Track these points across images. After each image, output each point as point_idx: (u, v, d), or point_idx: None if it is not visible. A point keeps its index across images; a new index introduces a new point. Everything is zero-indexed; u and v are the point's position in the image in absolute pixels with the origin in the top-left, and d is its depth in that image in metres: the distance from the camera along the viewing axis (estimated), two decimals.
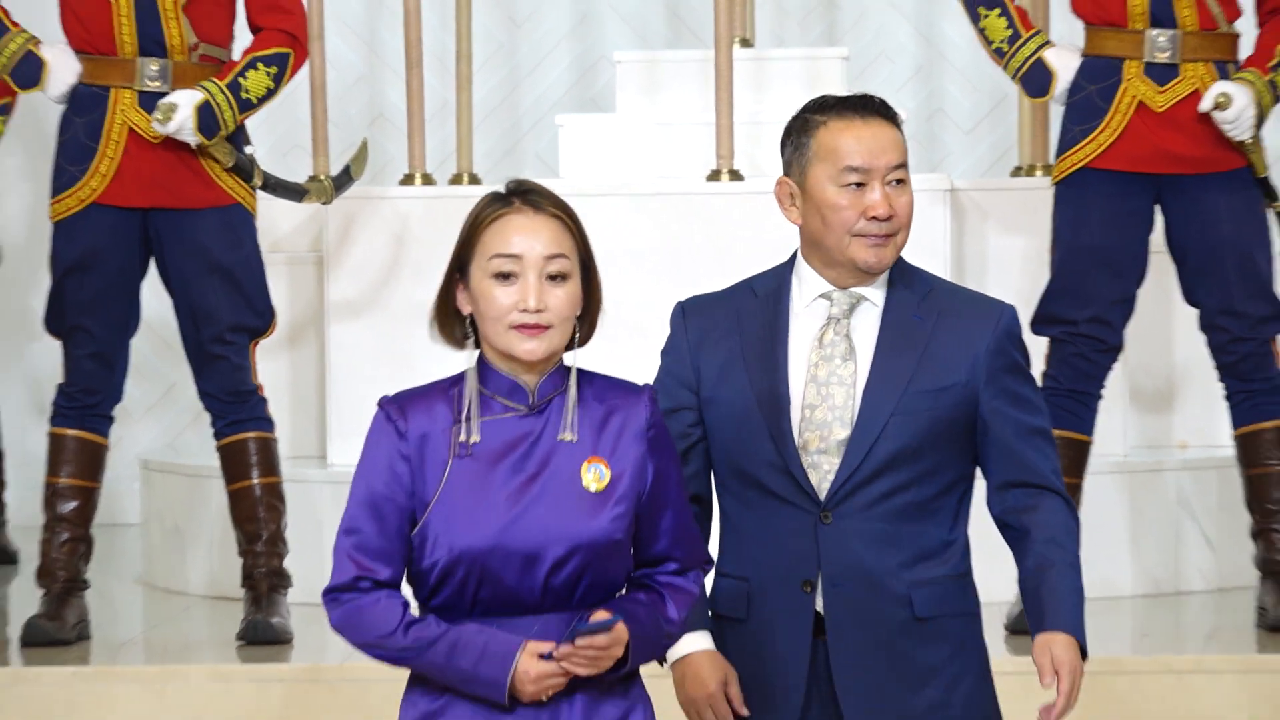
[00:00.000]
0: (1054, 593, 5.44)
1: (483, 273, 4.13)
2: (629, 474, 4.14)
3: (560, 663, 3.98)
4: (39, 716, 8.14)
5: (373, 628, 4.10)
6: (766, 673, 5.38)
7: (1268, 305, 8.45)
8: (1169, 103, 8.38)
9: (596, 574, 4.08)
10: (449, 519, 4.06)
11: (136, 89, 8.39)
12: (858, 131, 5.44)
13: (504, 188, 4.13)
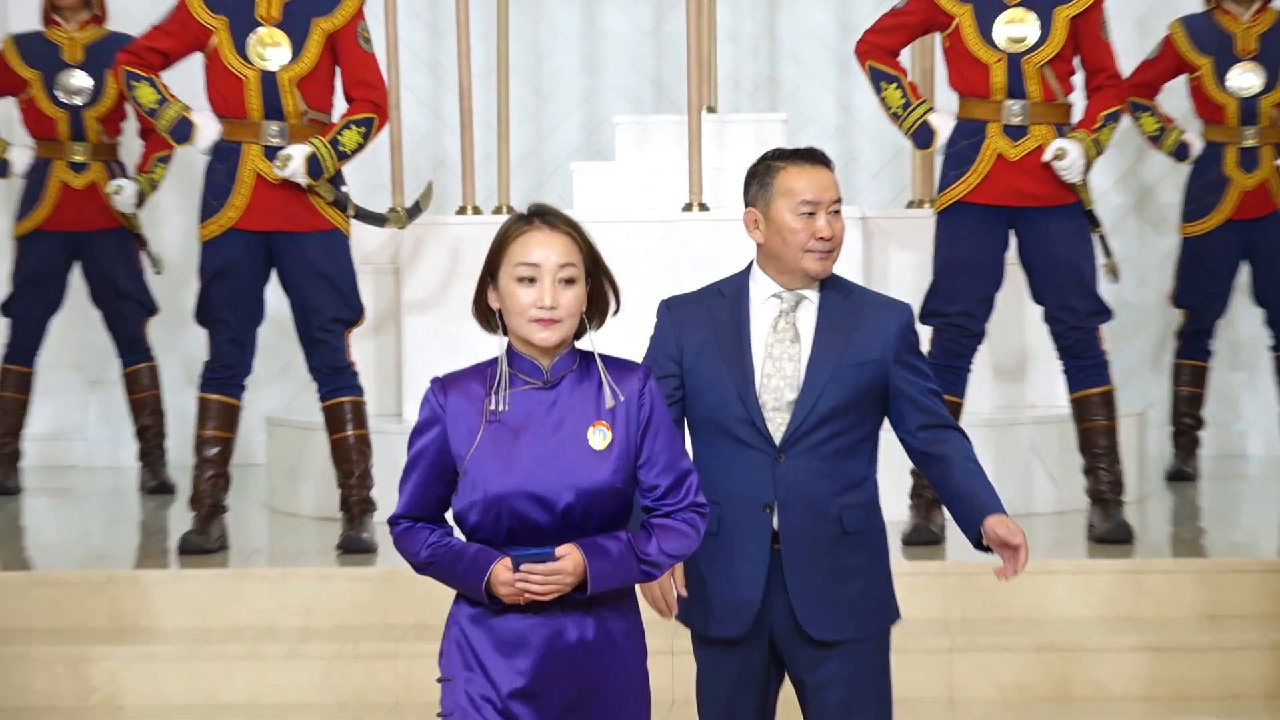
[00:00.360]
0: (986, 489, 5.68)
1: (509, 277, 4.23)
2: (625, 431, 4.26)
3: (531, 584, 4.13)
4: (191, 606, 8.17)
5: (406, 549, 4.37)
6: (735, 572, 5.62)
7: (1093, 303, 8.52)
8: (1020, 154, 8.41)
9: (602, 513, 4.22)
10: (482, 470, 4.20)
11: (262, 144, 8.42)
12: (809, 175, 5.74)
13: (526, 209, 4.32)
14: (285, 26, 8.51)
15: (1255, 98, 9.97)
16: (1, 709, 7.80)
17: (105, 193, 10.16)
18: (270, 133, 8.46)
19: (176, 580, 8.33)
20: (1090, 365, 8.60)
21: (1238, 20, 10.07)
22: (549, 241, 4.21)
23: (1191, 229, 10.24)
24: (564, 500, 4.18)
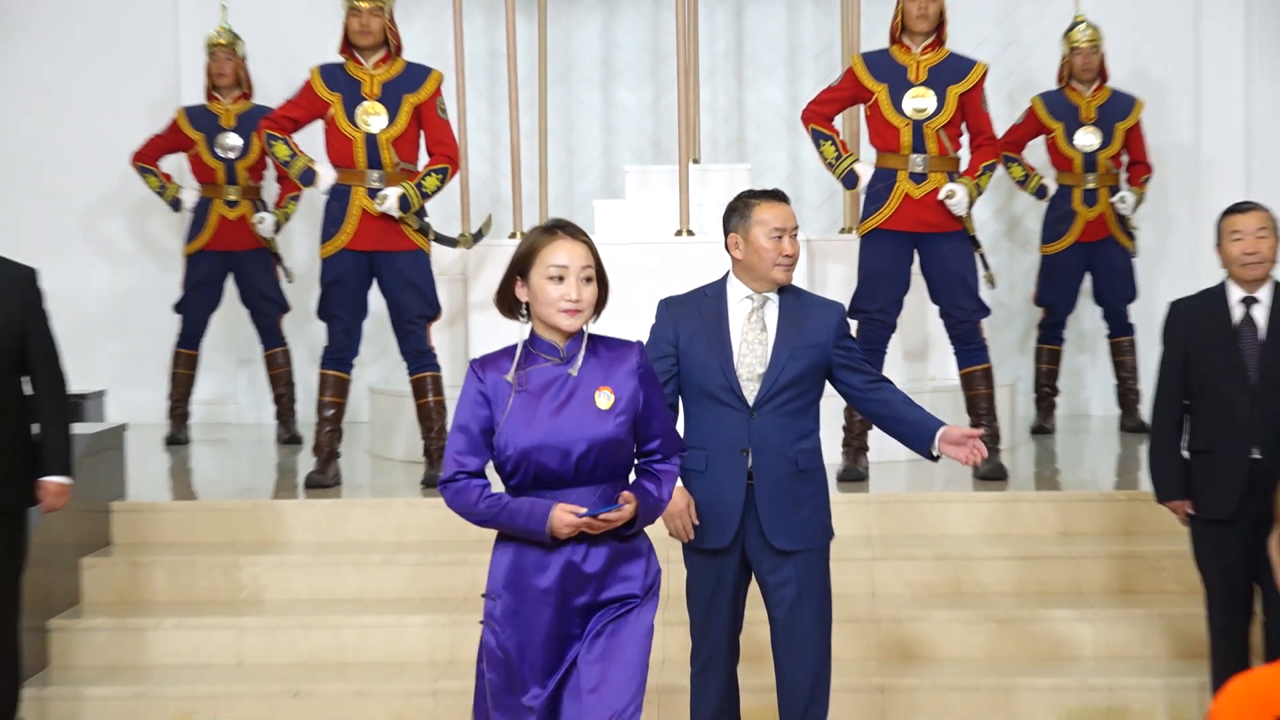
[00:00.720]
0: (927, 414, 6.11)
1: (540, 276, 4.33)
2: (626, 396, 4.34)
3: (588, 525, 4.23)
4: (313, 527, 8.24)
5: (463, 503, 4.35)
6: (718, 502, 5.83)
7: (975, 303, 8.54)
8: (922, 194, 8.42)
9: (608, 460, 4.32)
10: (513, 430, 4.30)
11: (366, 187, 8.45)
12: (777, 209, 6.01)
13: (549, 223, 4.48)
14: (383, 100, 8.55)
15: (1095, 153, 10.02)
16: (176, 601, 7.85)
17: (251, 222, 10.22)
18: (372, 179, 8.50)
19: (302, 507, 8.39)
20: (974, 349, 8.61)
21: (1082, 95, 10.11)
22: (573, 248, 4.33)
23: (1048, 249, 10.27)
24: (577, 450, 4.25)
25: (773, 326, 6.00)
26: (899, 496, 8.37)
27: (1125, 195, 10.12)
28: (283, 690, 7.30)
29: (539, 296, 4.37)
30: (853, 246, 8.85)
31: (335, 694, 7.29)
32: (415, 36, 9.45)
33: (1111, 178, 10.10)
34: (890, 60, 8.68)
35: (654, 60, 11.15)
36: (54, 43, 11.15)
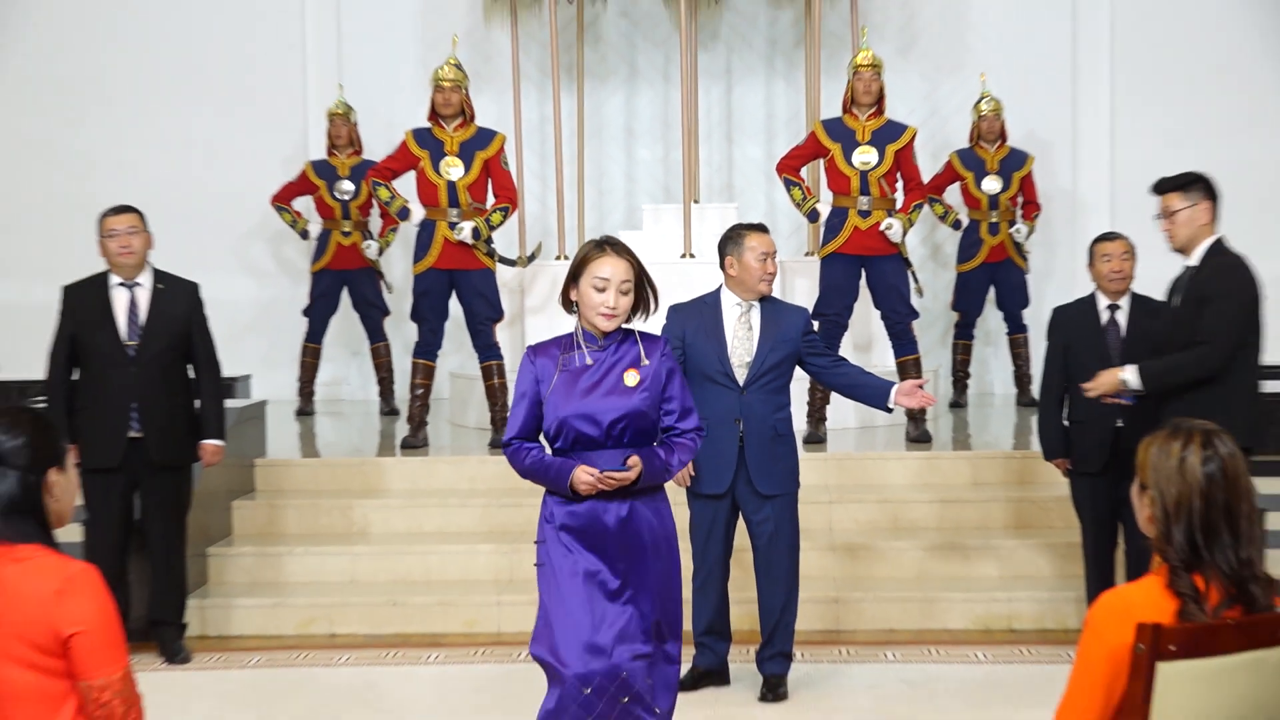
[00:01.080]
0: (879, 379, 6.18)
1: (588, 283, 4.27)
2: (650, 376, 4.27)
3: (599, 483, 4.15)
4: (408, 478, 8.20)
5: (516, 461, 4.35)
6: (718, 457, 5.91)
7: (907, 309, 8.48)
8: (867, 226, 8.35)
9: (635, 428, 4.24)
10: (557, 403, 4.25)
11: (447, 221, 8.41)
12: (762, 238, 6.08)
13: (600, 239, 4.41)
14: (461, 156, 8.51)
15: (997, 195, 9.95)
16: (303, 534, 7.84)
17: (361, 248, 10.18)
18: (452, 215, 8.45)
19: (399, 463, 8.34)
20: (906, 343, 8.55)
21: (987, 152, 10.04)
22: (616, 264, 4.26)
23: (962, 268, 10.20)
24: (608, 419, 4.20)
25: (757, 326, 6.02)
26: (850, 454, 8.32)
27: (1020, 227, 10.06)
28: (383, 601, 7.30)
29: (584, 300, 4.32)
30: (814, 266, 8.79)
31: (422, 604, 7.28)
32: (484, 106, 9.40)
33: (1010, 214, 10.04)
34: (842, 125, 8.62)
35: (664, 125, 11.11)
36: (210, 110, 11.13)
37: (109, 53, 11.14)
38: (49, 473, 3.36)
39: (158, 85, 11.15)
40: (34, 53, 11.13)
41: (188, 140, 11.08)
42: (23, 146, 11.08)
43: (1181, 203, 5.86)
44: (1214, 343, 5.71)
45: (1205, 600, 3.11)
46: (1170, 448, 3.17)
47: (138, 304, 6.69)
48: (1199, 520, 3.13)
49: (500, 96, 10.33)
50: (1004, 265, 10.09)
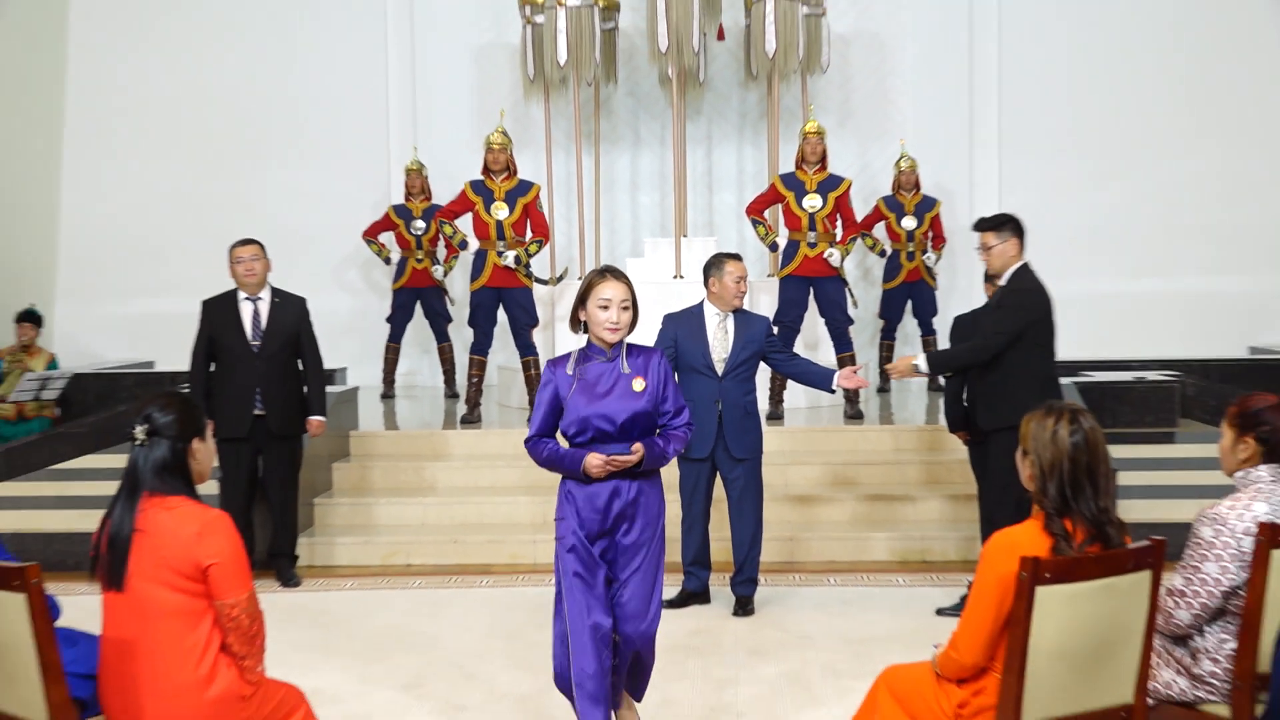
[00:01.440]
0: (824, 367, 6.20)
1: (594, 304, 4.03)
2: (652, 383, 4.06)
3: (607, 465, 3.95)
4: (466, 446, 8.16)
5: (535, 453, 4.09)
6: (702, 430, 5.78)
7: (845, 317, 8.46)
8: (814, 255, 8.30)
9: (640, 425, 4.04)
10: (576, 405, 4.01)
11: (495, 250, 8.37)
12: (736, 265, 6.05)
13: (601, 268, 4.13)
14: (506, 201, 8.50)
15: (913, 231, 9.93)
16: (386, 488, 7.81)
17: (430, 271, 10.13)
18: (499, 246, 8.42)
19: (459, 435, 8.29)
20: (845, 343, 8.49)
21: (906, 198, 10.01)
22: (616, 286, 4.05)
23: (887, 286, 10.15)
24: (621, 418, 4.00)
25: (731, 331, 6.02)
26: (801, 428, 8.28)
27: (930, 255, 10.03)
28: (447, 540, 7.29)
29: (592, 318, 4.05)
30: (775, 285, 8.76)
31: (477, 541, 7.27)
32: (524, 163, 9.39)
33: (922, 245, 10.00)
34: (795, 178, 8.58)
35: (660, 178, 11.07)
36: (315, 165, 11.14)
37: (237, 120, 11.15)
38: (193, 441, 3.36)
39: (275, 145, 11.16)
40: (180, 118, 11.14)
41: (298, 188, 11.08)
42: (173, 193, 11.10)
43: (995, 239, 5.89)
44: (985, 340, 5.82)
45: (1073, 539, 3.13)
46: (1046, 423, 3.18)
47: (260, 314, 6.70)
48: (1068, 478, 3.14)
49: (536, 156, 10.32)
50: (918, 284, 10.07)
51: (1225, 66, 10.79)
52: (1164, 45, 10.81)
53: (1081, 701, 3.13)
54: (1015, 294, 5.83)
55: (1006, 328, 5.75)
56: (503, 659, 5.48)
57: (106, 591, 3.29)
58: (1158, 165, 10.88)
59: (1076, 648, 3.07)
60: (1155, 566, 3.15)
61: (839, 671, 5.20)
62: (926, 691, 3.28)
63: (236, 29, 11.13)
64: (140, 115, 11.12)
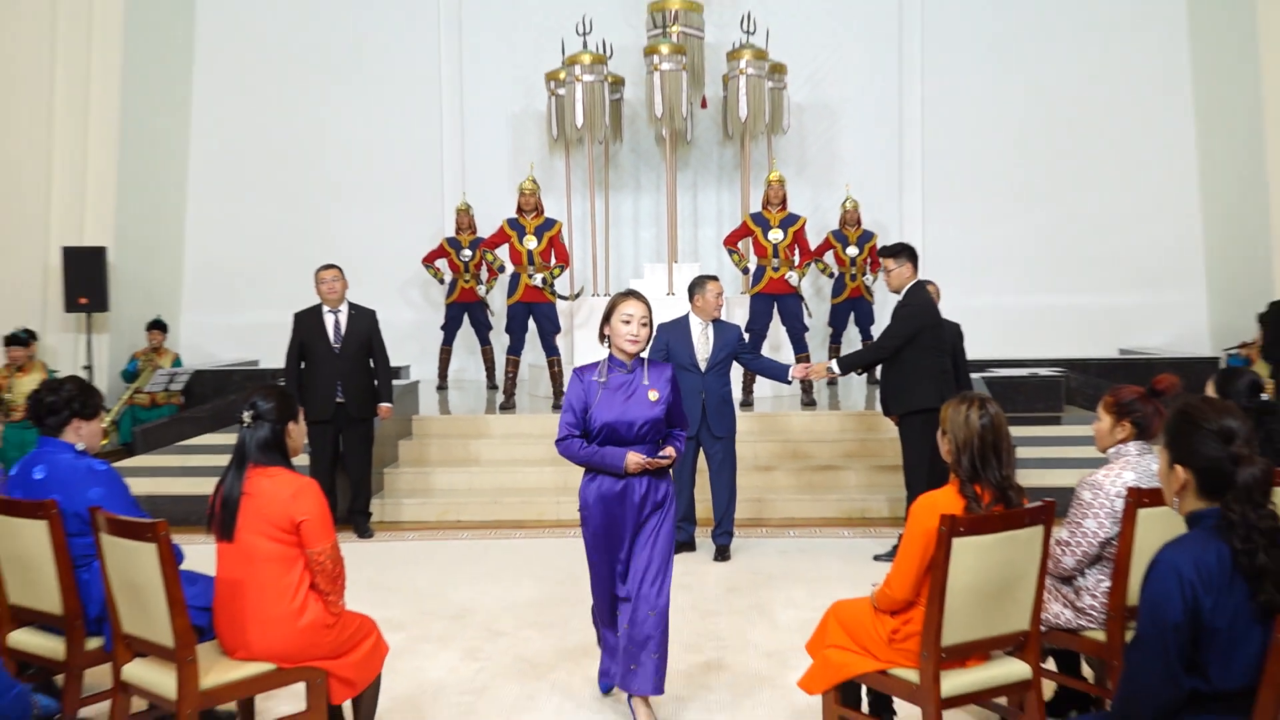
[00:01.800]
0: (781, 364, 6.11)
1: (618, 320, 3.74)
2: (664, 394, 3.75)
3: (646, 465, 3.66)
4: (505, 428, 8.10)
5: (570, 451, 3.70)
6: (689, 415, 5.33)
7: (801, 325, 8.39)
8: (778, 277, 8.29)
9: (653, 431, 3.72)
10: (599, 411, 3.69)
11: (527, 274, 8.32)
12: (716, 284, 5.98)
13: (625, 290, 3.86)
14: (535, 234, 8.43)
15: (855, 258, 9.83)
16: (441, 461, 7.79)
17: (476, 289, 10.00)
18: (529, 270, 8.36)
19: (498, 418, 8.24)
20: (801, 346, 8.43)
21: (850, 231, 9.87)
22: (638, 305, 3.78)
23: (834, 301, 10.00)
24: (638, 423, 3.69)
25: (712, 337, 5.98)
26: (767, 413, 8.22)
27: (869, 277, 9.92)
28: (489, 501, 7.27)
29: (616, 332, 3.76)
30: (746, 300, 8.72)
31: (513, 501, 7.25)
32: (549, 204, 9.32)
33: (862, 269, 9.90)
34: (762, 216, 8.56)
35: (656, 216, 10.99)
36: (382, 204, 11.12)
37: (323, 169, 11.12)
38: (288, 424, 3.35)
39: (352, 189, 11.12)
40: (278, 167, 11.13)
41: (370, 223, 11.06)
42: (272, 227, 11.08)
43: (894, 264, 5.90)
44: (883, 343, 5.88)
45: (981, 500, 3.12)
46: (960, 409, 3.17)
47: (340, 323, 6.69)
48: (977, 453, 3.13)
49: (558, 199, 10.28)
50: (859, 300, 9.99)
51: (1102, 126, 10.78)
52: (1052, 113, 10.81)
53: (988, 629, 3.13)
54: (907, 306, 5.87)
55: (900, 332, 5.80)
56: (531, 594, 5.48)
57: (219, 542, 3.29)
58: (1049, 205, 10.86)
59: (984, 586, 3.07)
60: (1046, 522, 3.15)
61: (797, 604, 5.20)
62: (866, 620, 3.27)
63: (322, 96, 11.10)
64: (248, 164, 11.11)
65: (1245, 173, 10.12)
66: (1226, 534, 2.12)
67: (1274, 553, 2.08)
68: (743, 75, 9.52)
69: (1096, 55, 10.74)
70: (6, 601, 3.64)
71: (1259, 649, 2.08)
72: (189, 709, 3.11)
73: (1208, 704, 2.10)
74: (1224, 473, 2.15)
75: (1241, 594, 2.09)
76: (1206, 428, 2.18)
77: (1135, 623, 2.19)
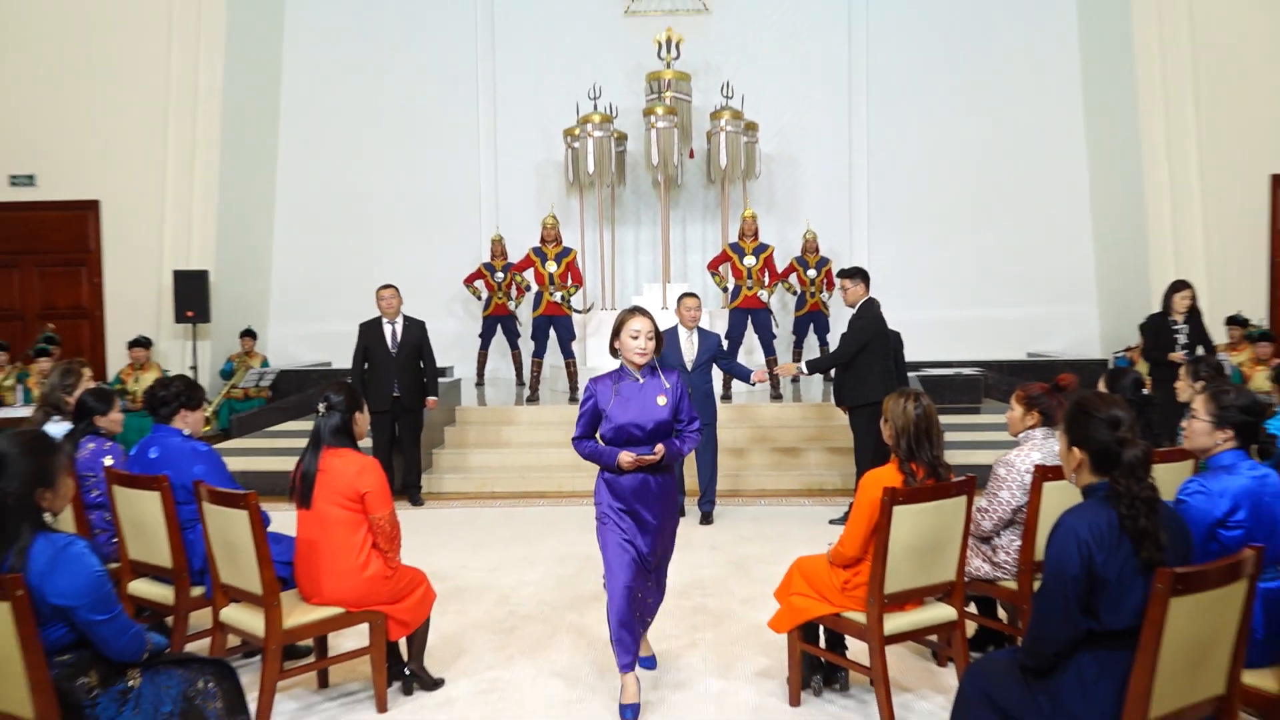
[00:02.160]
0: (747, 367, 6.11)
1: (626, 335, 3.40)
2: (671, 399, 3.41)
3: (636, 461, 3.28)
4: (530, 416, 8.02)
5: (582, 450, 3.36)
6: None
7: (770, 334, 8.37)
8: (751, 295, 8.28)
9: (662, 431, 3.37)
10: (613, 415, 3.34)
11: (548, 292, 8.30)
12: (690, 300, 5.81)
13: (631, 307, 3.53)
14: (555, 260, 8.43)
15: (815, 279, 9.61)
16: (479, 443, 7.72)
17: (507, 305, 9.82)
18: (550, 289, 8.36)
19: (525, 409, 8.13)
20: (770, 350, 8.44)
21: (810, 257, 9.73)
22: (644, 321, 3.44)
23: (797, 314, 9.84)
24: (649, 426, 3.35)
25: (696, 343, 5.91)
26: (743, 404, 8.15)
27: (825, 295, 9.80)
28: (517, 475, 7.22)
29: (625, 346, 3.42)
30: (726, 314, 8.69)
31: (535, 477, 7.20)
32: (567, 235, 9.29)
33: (820, 288, 9.81)
34: (738, 245, 8.54)
35: (653, 245, 10.94)
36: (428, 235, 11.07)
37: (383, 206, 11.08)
38: (355, 413, 3.34)
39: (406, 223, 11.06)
40: (347, 203, 11.10)
41: (421, 251, 11.00)
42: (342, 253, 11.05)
43: (849, 284, 5.89)
44: (841, 350, 5.78)
45: (916, 476, 3.11)
46: (899, 401, 3.16)
47: (396, 332, 6.66)
48: (913, 437, 3.12)
49: (574, 231, 10.24)
50: (817, 313, 9.89)
51: (1014, 171, 10.75)
52: (974, 160, 10.77)
53: (922, 579, 3.12)
54: (860, 319, 5.85)
55: (855, 340, 5.77)
56: (551, 553, 5.46)
57: (299, 509, 3.28)
58: (971, 235, 10.82)
59: (919, 545, 3.06)
60: (969, 493, 3.14)
61: (767, 560, 5.18)
62: (823, 573, 3.27)
63: (382, 149, 11.06)
64: (322, 205, 11.08)
65: (1127, 210, 10.13)
66: (1115, 502, 2.12)
67: (1153, 518, 2.09)
68: (723, 131, 9.51)
69: (1010, 114, 10.73)
70: (127, 557, 3.66)
71: (1141, 596, 2.08)
72: (274, 644, 3.12)
73: (1101, 640, 2.11)
74: (1112, 453, 2.16)
75: (1127, 551, 2.09)
76: (1098, 416, 2.18)
77: (1041, 575, 2.18)
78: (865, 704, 3.30)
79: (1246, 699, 2.43)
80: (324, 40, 11.01)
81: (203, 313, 9.67)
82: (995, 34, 10.73)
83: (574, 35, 10.86)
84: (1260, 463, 2.65)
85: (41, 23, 9.96)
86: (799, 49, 10.90)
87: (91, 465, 3.77)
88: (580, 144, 9.53)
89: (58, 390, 4.15)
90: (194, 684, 2.41)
